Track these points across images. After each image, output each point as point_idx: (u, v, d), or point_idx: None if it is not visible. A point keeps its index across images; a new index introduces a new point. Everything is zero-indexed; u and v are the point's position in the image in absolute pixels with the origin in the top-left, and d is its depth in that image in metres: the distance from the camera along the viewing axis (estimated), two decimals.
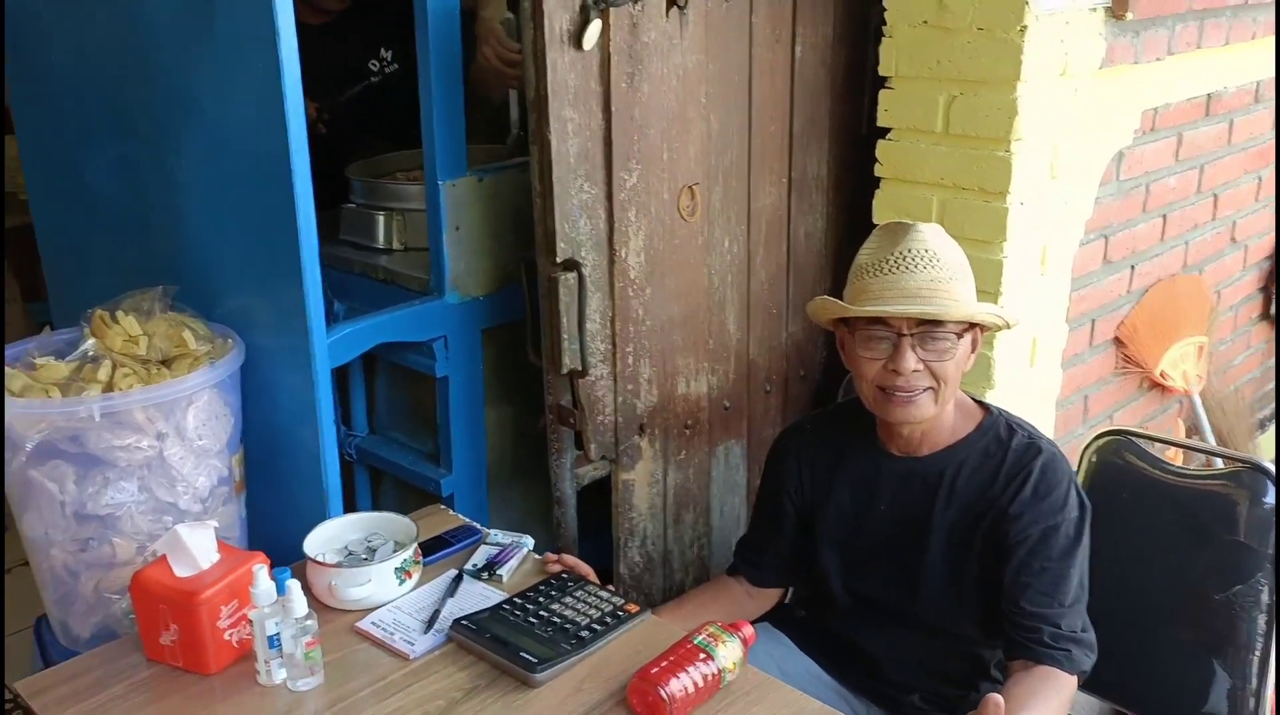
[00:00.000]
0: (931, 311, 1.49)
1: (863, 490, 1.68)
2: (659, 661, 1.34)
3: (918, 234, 1.54)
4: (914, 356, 1.51)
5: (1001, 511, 1.56)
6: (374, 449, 2.22)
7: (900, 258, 1.51)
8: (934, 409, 1.56)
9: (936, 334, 1.51)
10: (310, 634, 1.40)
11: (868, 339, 1.54)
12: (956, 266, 1.54)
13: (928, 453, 1.63)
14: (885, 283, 1.51)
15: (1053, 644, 1.51)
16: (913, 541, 1.63)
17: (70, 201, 2.10)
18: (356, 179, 2.21)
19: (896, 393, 1.53)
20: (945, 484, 1.61)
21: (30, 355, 1.70)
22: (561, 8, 1.62)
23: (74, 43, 1.94)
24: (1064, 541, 1.55)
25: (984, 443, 1.61)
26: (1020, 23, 1.79)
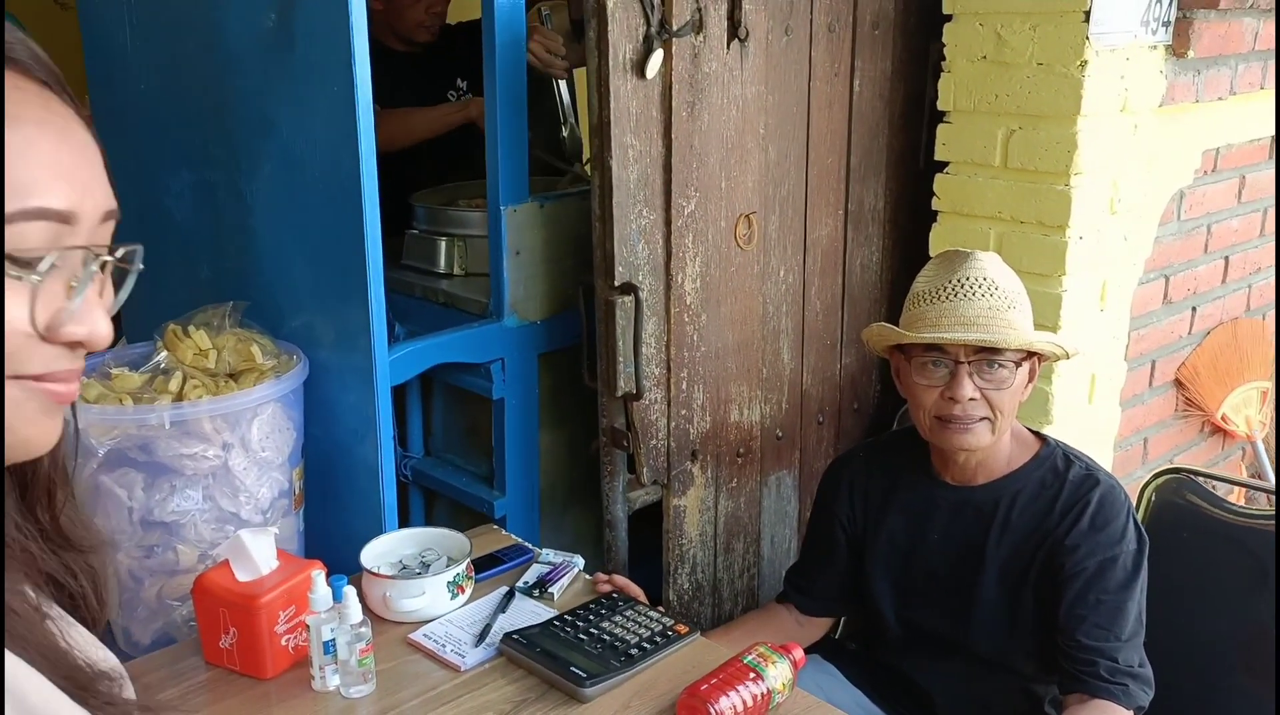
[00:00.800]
0: (990, 339, 1.49)
1: (916, 520, 1.66)
2: (709, 679, 1.34)
3: (976, 262, 1.54)
4: (971, 384, 1.51)
5: (1057, 542, 1.54)
6: (429, 470, 2.26)
7: (959, 285, 1.52)
8: (990, 438, 1.55)
9: (994, 362, 1.51)
10: (364, 641, 1.42)
11: (924, 366, 1.54)
12: (1014, 295, 1.54)
13: (983, 482, 1.61)
14: (943, 310, 1.51)
15: (1109, 678, 1.48)
16: (966, 572, 1.62)
17: (146, 223, 2.17)
18: (420, 206, 2.27)
19: (953, 421, 1.53)
20: (1000, 515, 1.59)
21: (106, 365, 1.77)
22: (626, 37, 1.66)
23: (157, 73, 2.03)
24: (1121, 574, 1.53)
25: (1040, 474, 1.60)
26: (1080, 58, 1.80)
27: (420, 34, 2.56)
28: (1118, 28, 1.83)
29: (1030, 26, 1.85)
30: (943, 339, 1.50)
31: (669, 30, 1.69)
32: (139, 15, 2.02)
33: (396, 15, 2.52)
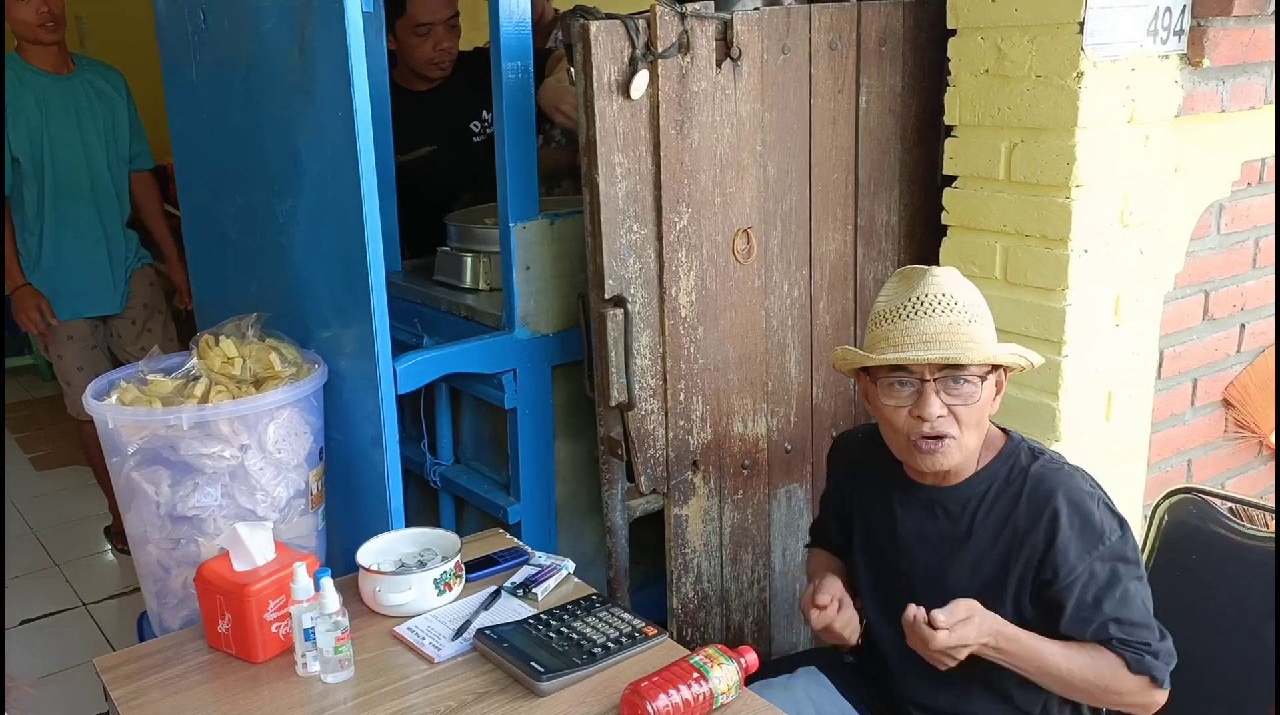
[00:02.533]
0: (952, 356, 1.48)
1: (889, 515, 1.68)
2: (651, 677, 1.39)
3: (933, 278, 1.54)
4: (939, 402, 1.51)
5: (1039, 552, 1.53)
6: (455, 477, 2.35)
7: (918, 303, 1.51)
8: (958, 457, 1.55)
9: (959, 378, 1.51)
10: (341, 630, 1.51)
11: (890, 387, 1.54)
12: (974, 308, 1.54)
13: (952, 483, 1.62)
14: (903, 329, 1.52)
15: (1120, 645, 1.49)
16: (934, 574, 1.62)
17: (213, 243, 2.35)
18: (451, 224, 2.38)
19: (923, 441, 1.53)
20: (967, 515, 1.60)
21: (142, 373, 1.92)
22: (610, 59, 1.73)
23: (214, 103, 2.20)
24: (1110, 565, 1.51)
25: (1005, 470, 1.59)
26: (1076, 69, 1.78)
27: (433, 70, 2.68)
28: (1120, 38, 1.81)
29: (1029, 39, 1.84)
30: (905, 359, 1.50)
31: (654, 52, 1.75)
32: (201, 52, 2.20)
33: (408, 54, 2.66)
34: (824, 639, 1.68)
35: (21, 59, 3.11)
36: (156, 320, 3.44)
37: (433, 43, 2.64)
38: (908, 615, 1.44)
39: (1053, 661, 1.48)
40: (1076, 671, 1.48)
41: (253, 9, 1.98)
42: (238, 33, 2.06)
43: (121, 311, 3.33)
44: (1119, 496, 1.89)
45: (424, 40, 2.63)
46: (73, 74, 3.17)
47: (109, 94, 3.23)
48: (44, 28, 3.04)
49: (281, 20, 1.88)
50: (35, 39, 3.07)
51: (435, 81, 2.71)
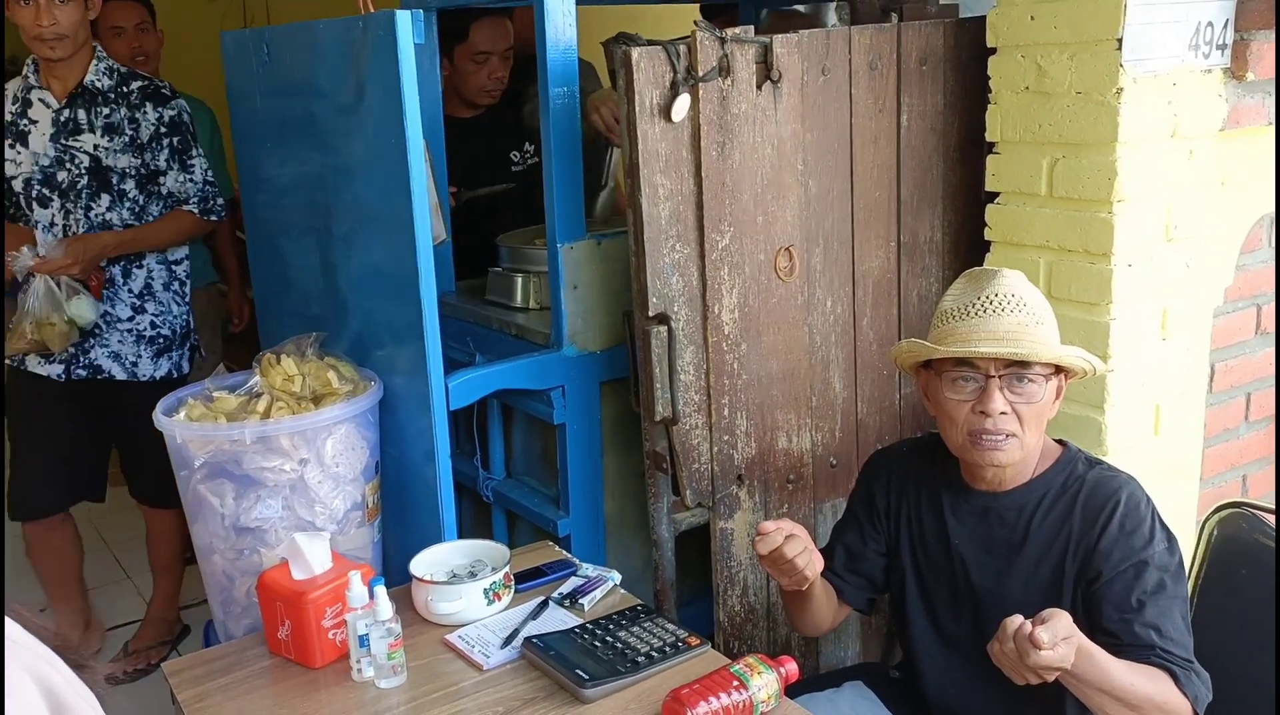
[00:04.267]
0: (1021, 353, 1.51)
1: (942, 524, 1.68)
2: (693, 684, 1.42)
3: (1003, 279, 1.57)
4: (1002, 398, 1.53)
5: (1089, 549, 1.55)
6: (507, 491, 2.41)
7: (987, 302, 1.55)
8: (1019, 454, 1.57)
9: (1024, 376, 1.53)
10: (394, 636, 1.57)
11: (955, 381, 1.57)
12: (1041, 311, 1.57)
13: (1008, 489, 1.63)
14: (972, 326, 1.55)
15: (1165, 656, 1.47)
16: (990, 580, 1.63)
17: (276, 266, 2.45)
18: (502, 245, 2.45)
19: (984, 437, 1.55)
20: (1024, 521, 1.61)
21: (208, 390, 2.01)
22: (651, 84, 1.78)
23: (278, 132, 2.30)
24: (1158, 575, 1.52)
25: (1061, 478, 1.61)
26: (1115, 86, 1.79)
27: (484, 98, 2.79)
28: (1160, 53, 1.81)
29: (1068, 57, 1.86)
30: (974, 353, 1.53)
31: (695, 76, 1.80)
32: (264, 84, 2.30)
33: (462, 81, 2.76)
34: (774, 576, 1.63)
35: None
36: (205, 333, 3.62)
37: (488, 71, 2.74)
38: (1010, 625, 1.36)
39: (1118, 678, 1.45)
40: (1139, 688, 1.45)
41: (313, 42, 2.07)
42: (299, 65, 2.15)
43: None
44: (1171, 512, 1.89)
45: (480, 68, 2.74)
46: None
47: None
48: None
49: (339, 53, 1.97)
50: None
51: (481, 109, 2.81)
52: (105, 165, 2.60)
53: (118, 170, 2.62)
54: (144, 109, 2.65)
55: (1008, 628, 1.36)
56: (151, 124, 2.65)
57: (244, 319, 3.71)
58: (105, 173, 2.61)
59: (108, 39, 3.26)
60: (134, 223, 2.66)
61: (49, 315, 2.47)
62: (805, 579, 1.61)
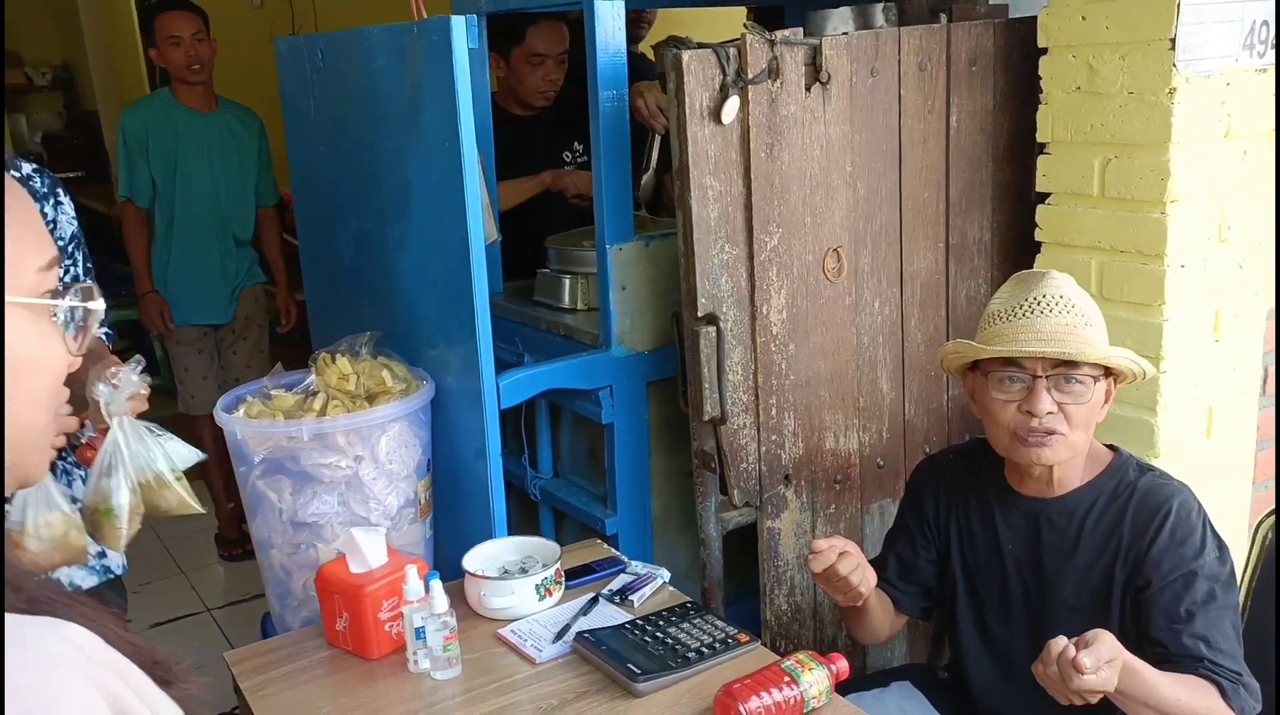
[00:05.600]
0: (1069, 352, 1.52)
1: (991, 529, 1.69)
2: (744, 679, 1.43)
3: (1051, 281, 1.58)
4: (1049, 398, 1.53)
5: (1139, 557, 1.55)
6: (554, 490, 2.44)
7: (1035, 303, 1.55)
8: (1066, 454, 1.57)
9: (1071, 377, 1.53)
10: (449, 629, 1.60)
11: (1002, 382, 1.57)
12: (1089, 313, 1.57)
13: (1057, 495, 1.63)
14: (1019, 326, 1.55)
15: (1213, 668, 1.47)
16: (1040, 585, 1.64)
17: (327, 267, 2.50)
18: (550, 247, 2.48)
19: (1030, 435, 1.55)
20: (1074, 527, 1.61)
21: (266, 388, 2.06)
22: (701, 87, 1.80)
23: (331, 135, 2.35)
24: (1208, 585, 1.51)
25: (1112, 484, 1.61)
26: (1168, 86, 1.78)
27: (537, 99, 2.82)
28: (1213, 53, 1.80)
29: (1120, 57, 1.85)
30: (1022, 353, 1.54)
31: (744, 78, 1.81)
32: (318, 88, 2.35)
33: (517, 81, 2.79)
34: (829, 592, 1.64)
35: (171, 95, 3.48)
36: (253, 332, 3.73)
37: (543, 73, 2.77)
38: (1054, 647, 1.35)
39: (1164, 693, 1.43)
40: (1184, 703, 1.44)
41: (366, 47, 2.12)
42: (352, 70, 2.20)
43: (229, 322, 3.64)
44: (1221, 515, 1.88)
45: (535, 70, 2.77)
46: (213, 113, 3.51)
47: (242, 134, 3.55)
48: (190, 69, 3.40)
49: (392, 58, 2.01)
50: (183, 79, 3.43)
51: (535, 110, 2.84)
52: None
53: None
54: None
55: (1051, 650, 1.35)
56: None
57: (291, 319, 3.80)
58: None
59: (165, 49, 3.36)
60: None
61: (152, 474, 1.67)
62: (859, 595, 1.62)
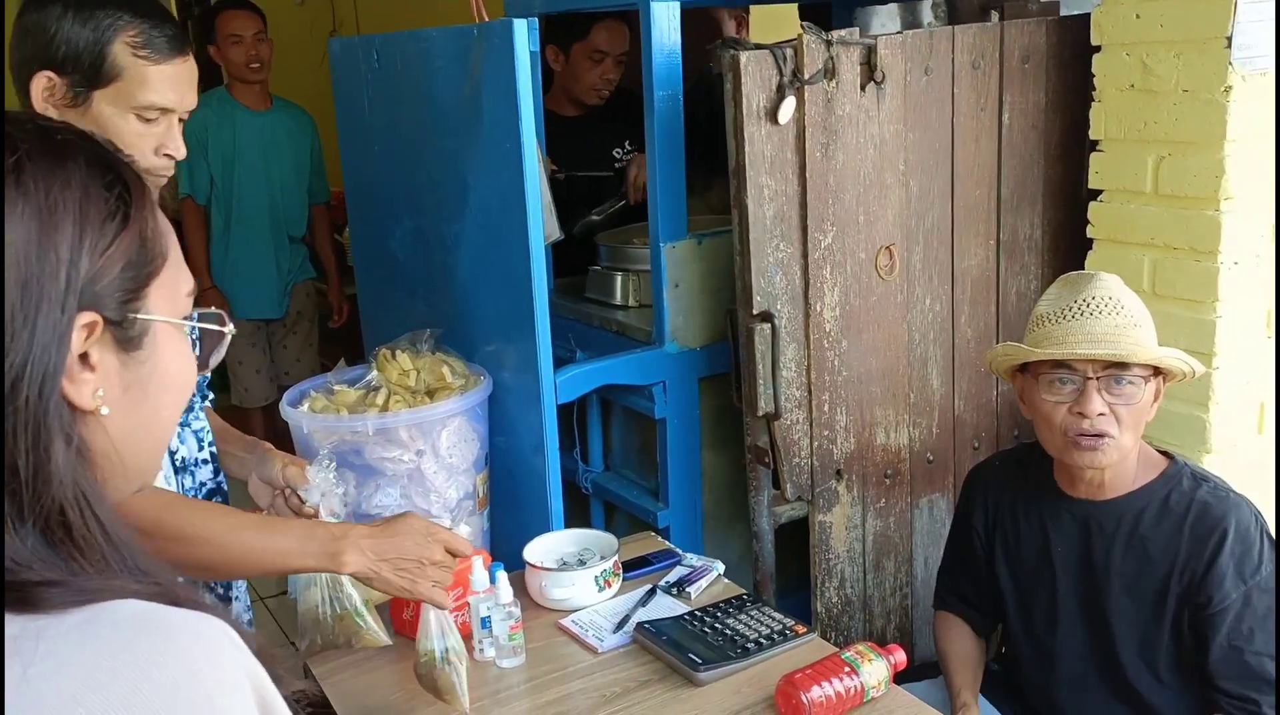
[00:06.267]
0: (1120, 354, 1.52)
1: (1041, 532, 1.70)
2: (806, 670, 1.47)
3: (1100, 282, 1.59)
4: (1099, 399, 1.54)
5: (1199, 575, 1.54)
6: (606, 484, 2.48)
7: (1084, 304, 1.56)
8: (1117, 456, 1.58)
9: (1122, 378, 1.54)
10: (514, 619, 1.64)
11: (1052, 384, 1.58)
12: (1139, 314, 1.58)
13: (1108, 498, 1.63)
14: (1069, 328, 1.56)
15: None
16: (1089, 590, 1.64)
17: (381, 263, 2.56)
18: (601, 244, 2.52)
19: (1082, 438, 1.56)
20: (1124, 531, 1.61)
21: (329, 383, 2.11)
22: (759, 87, 1.83)
23: (386, 135, 2.40)
24: (1268, 597, 1.52)
25: (1166, 491, 1.60)
26: (1224, 84, 1.79)
27: (591, 97, 2.85)
28: (1270, 51, 1.80)
29: (1174, 55, 1.86)
30: (1073, 355, 1.54)
31: (801, 79, 1.84)
32: (374, 88, 2.40)
33: (574, 78, 2.82)
34: None
35: (228, 94, 3.54)
36: (304, 326, 3.80)
37: (601, 71, 2.80)
38: None
39: None
40: None
41: (424, 49, 2.16)
42: (409, 71, 2.24)
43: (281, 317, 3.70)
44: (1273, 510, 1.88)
45: (595, 67, 2.80)
46: (268, 112, 3.57)
47: (297, 133, 3.62)
48: (249, 68, 3.46)
49: (452, 59, 2.05)
50: (242, 78, 3.49)
51: (585, 109, 2.87)
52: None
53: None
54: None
55: None
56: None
57: (343, 315, 3.86)
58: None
59: (226, 47, 3.43)
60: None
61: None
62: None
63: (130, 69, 1.33)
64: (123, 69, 1.33)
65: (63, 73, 1.32)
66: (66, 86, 1.32)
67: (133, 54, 1.33)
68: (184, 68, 1.38)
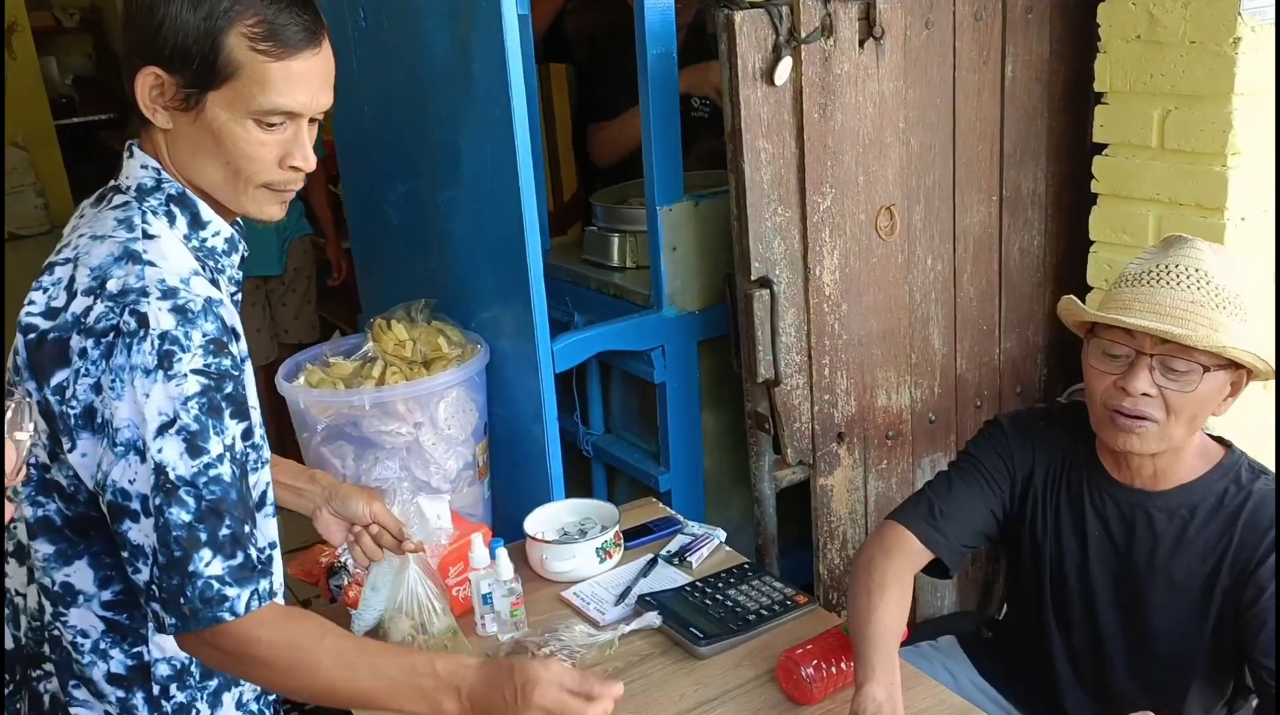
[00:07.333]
0: (1175, 332, 1.35)
1: (1078, 511, 1.55)
2: (806, 644, 1.47)
3: (1191, 250, 1.42)
4: (1147, 378, 1.38)
5: (1247, 568, 1.43)
6: (607, 446, 2.47)
7: (1164, 271, 1.40)
8: (1158, 445, 1.43)
9: (1180, 361, 1.37)
10: (515, 595, 1.64)
11: (1103, 351, 1.43)
12: (1227, 293, 1.39)
13: (1159, 489, 1.49)
14: (1138, 294, 1.41)
15: None
16: (1128, 584, 1.52)
17: (374, 227, 2.52)
18: (597, 204, 2.48)
19: (1120, 417, 1.42)
20: (1175, 528, 1.47)
21: (325, 356, 2.10)
22: (754, 48, 1.78)
23: (376, 98, 2.35)
24: None
25: (1222, 485, 1.46)
26: (1233, 34, 1.74)
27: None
28: None
29: (1182, 4, 1.80)
30: (1123, 322, 1.39)
31: (797, 37, 1.79)
32: (362, 48, 2.34)
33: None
34: None
35: None
36: (301, 283, 3.76)
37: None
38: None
39: None
40: None
41: (411, 9, 2.10)
42: (398, 31, 2.18)
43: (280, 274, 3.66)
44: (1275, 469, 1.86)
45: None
46: None
47: None
48: None
49: (439, 21, 2.00)
50: None
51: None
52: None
53: None
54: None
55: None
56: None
57: (343, 273, 3.81)
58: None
59: None
60: None
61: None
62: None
63: (248, 66, 1.09)
64: (240, 66, 1.09)
65: (171, 69, 1.09)
66: (176, 86, 1.10)
67: (251, 47, 1.09)
68: (316, 61, 1.14)
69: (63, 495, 1.13)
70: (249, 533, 1.12)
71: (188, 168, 1.17)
